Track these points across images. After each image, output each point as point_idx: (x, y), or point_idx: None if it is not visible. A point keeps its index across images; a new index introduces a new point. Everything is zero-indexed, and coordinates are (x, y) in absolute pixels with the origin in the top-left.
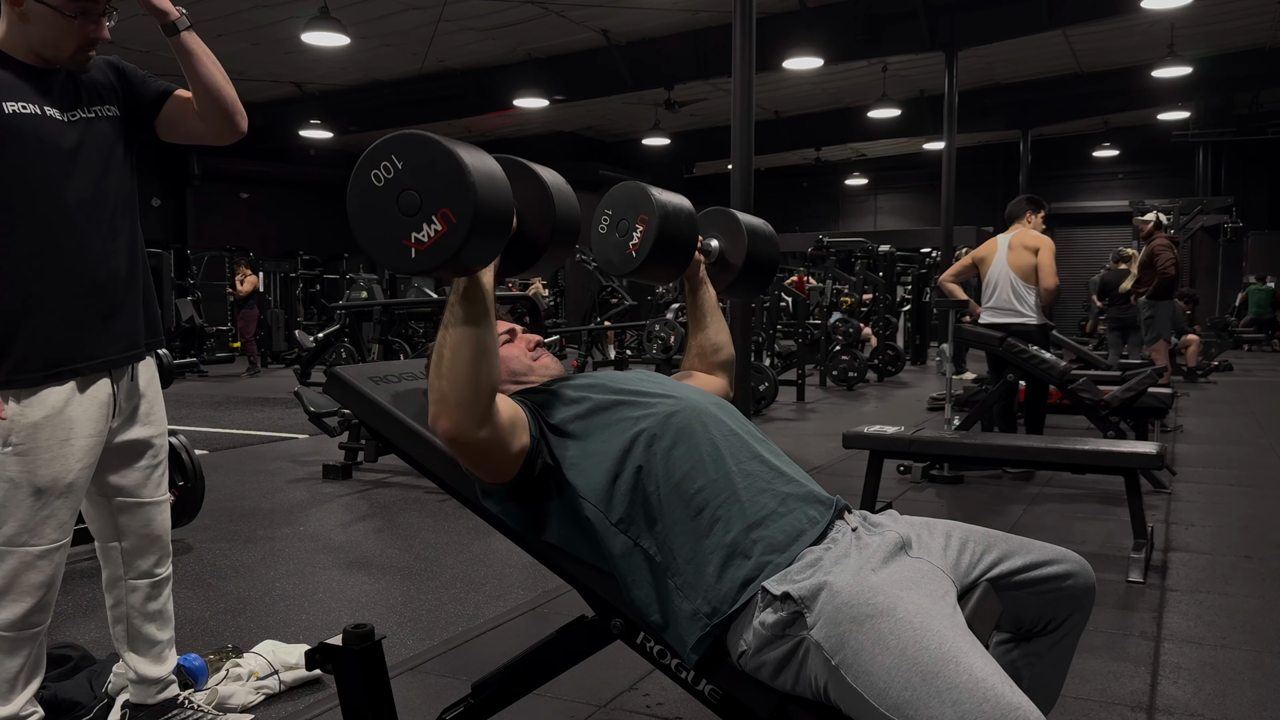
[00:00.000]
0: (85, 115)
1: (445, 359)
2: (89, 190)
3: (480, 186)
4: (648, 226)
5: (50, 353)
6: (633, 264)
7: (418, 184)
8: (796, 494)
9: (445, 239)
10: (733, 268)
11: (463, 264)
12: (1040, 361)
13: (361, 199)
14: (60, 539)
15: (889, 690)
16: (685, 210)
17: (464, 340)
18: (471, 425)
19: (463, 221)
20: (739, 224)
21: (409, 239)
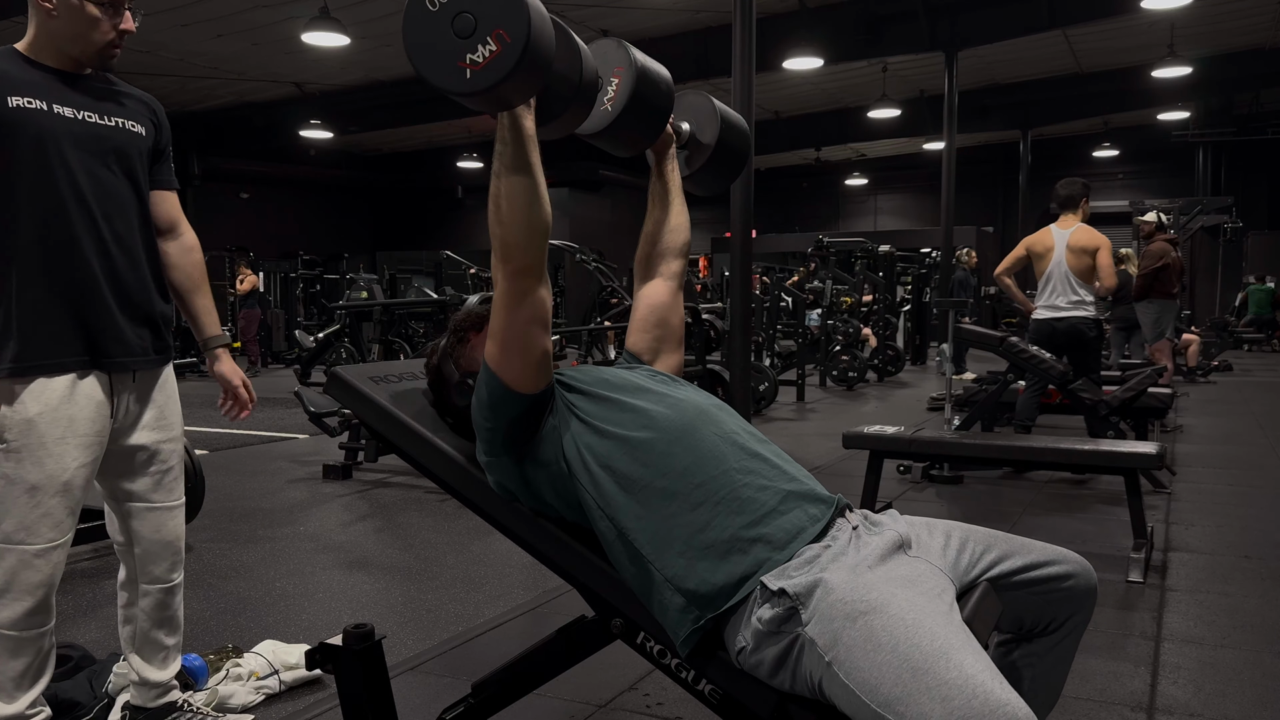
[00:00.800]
0: (106, 122)
1: (501, 206)
2: (93, 190)
3: (534, 11)
4: (623, 80)
5: (45, 346)
6: (606, 119)
7: (473, 6)
8: (797, 492)
9: (500, 58)
10: (703, 150)
11: (512, 85)
12: (1040, 361)
13: (417, 23)
14: (57, 539)
15: (880, 686)
16: (663, 74)
17: (517, 186)
18: (531, 263)
19: (517, 40)
20: (713, 108)
21: (464, 60)
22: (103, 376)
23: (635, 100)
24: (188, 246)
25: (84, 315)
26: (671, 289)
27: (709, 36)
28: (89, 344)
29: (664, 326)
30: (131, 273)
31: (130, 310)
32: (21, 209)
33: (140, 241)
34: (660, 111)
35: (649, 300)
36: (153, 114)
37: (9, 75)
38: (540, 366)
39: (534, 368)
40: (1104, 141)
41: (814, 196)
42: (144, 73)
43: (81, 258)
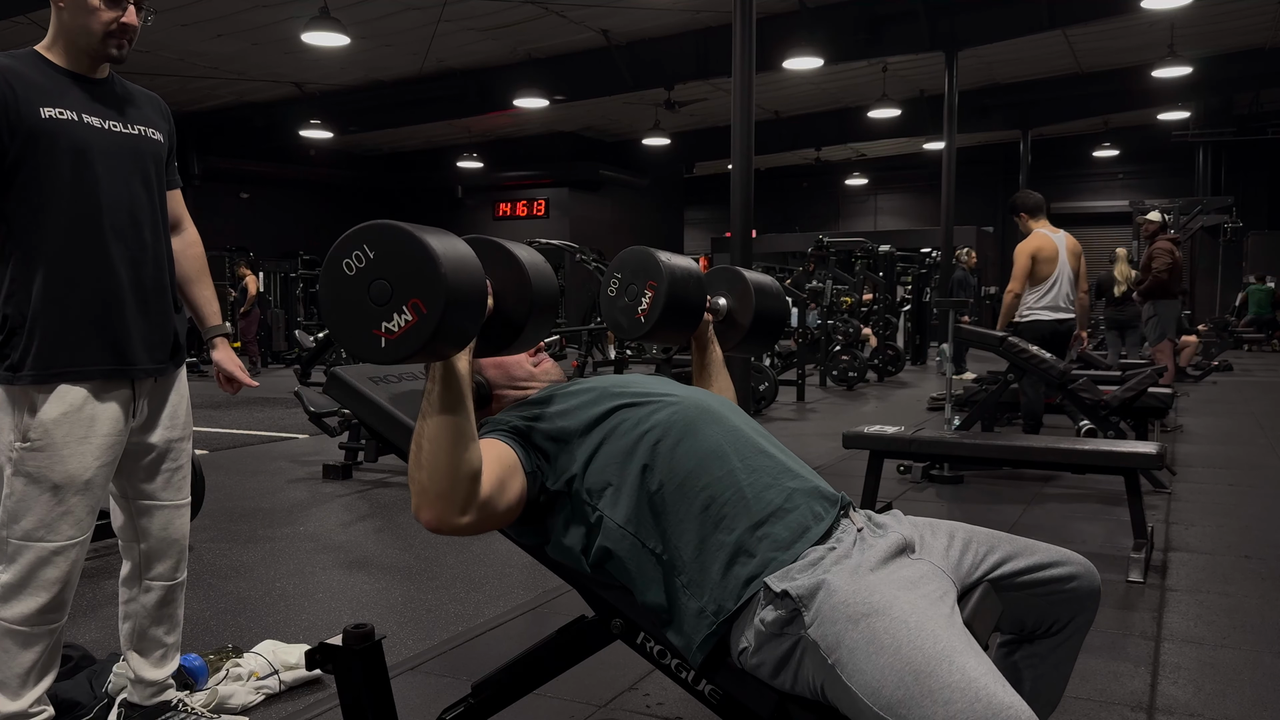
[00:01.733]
0: (127, 130)
1: (424, 450)
2: (120, 200)
3: (450, 275)
4: (657, 292)
5: (70, 354)
6: (642, 329)
7: (388, 273)
8: (802, 489)
9: (416, 329)
10: (740, 326)
11: (434, 351)
12: (1040, 361)
13: (334, 288)
14: (77, 536)
15: (882, 690)
16: (693, 274)
17: (441, 429)
18: (454, 514)
19: (433, 311)
20: (746, 282)
21: (379, 328)
22: (124, 382)
23: (670, 308)
24: (190, 241)
25: (110, 324)
26: None
27: (709, 36)
28: (113, 352)
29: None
30: (154, 282)
31: (152, 318)
32: (52, 218)
33: (163, 251)
34: (694, 311)
35: None
36: (165, 117)
37: (38, 85)
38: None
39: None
40: (1104, 141)
41: (814, 196)
42: (144, 73)
43: (109, 268)
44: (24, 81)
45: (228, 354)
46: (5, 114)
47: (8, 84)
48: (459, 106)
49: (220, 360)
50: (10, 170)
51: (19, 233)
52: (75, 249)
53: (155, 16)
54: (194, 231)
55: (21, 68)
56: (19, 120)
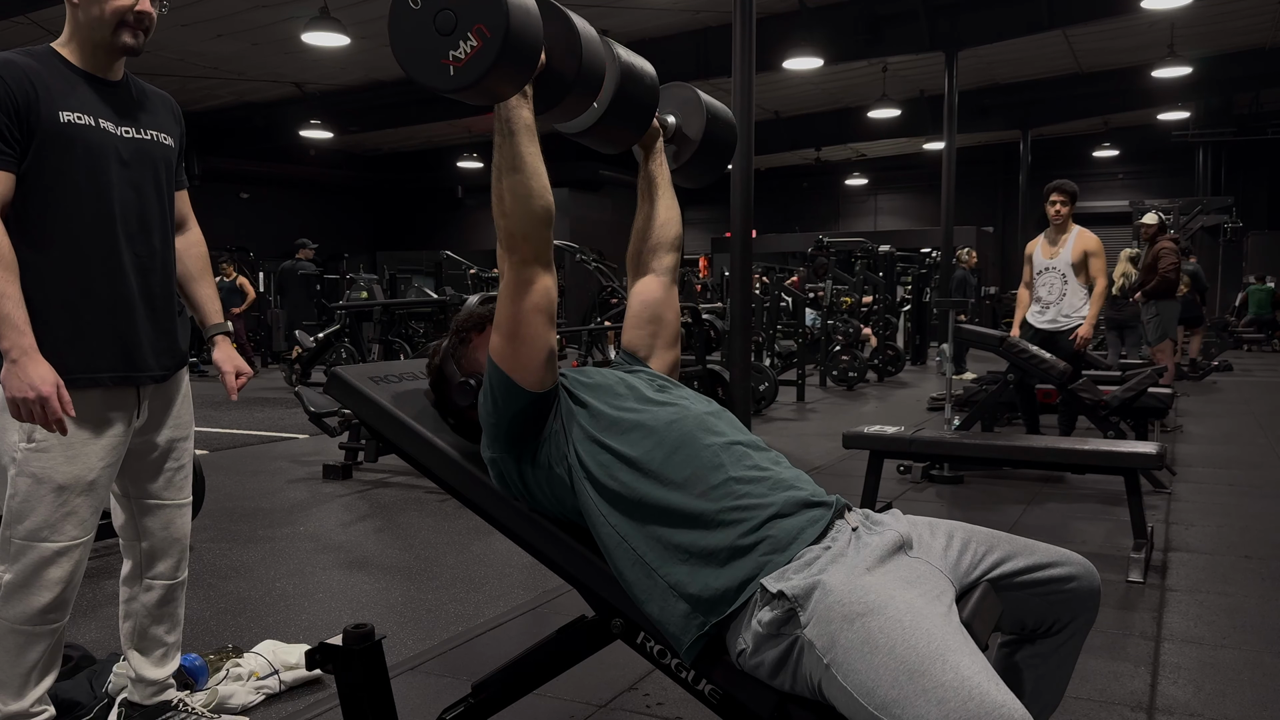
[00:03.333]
0: (141, 135)
1: (506, 200)
2: (132, 206)
3: (513, 3)
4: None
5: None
6: (593, 116)
7: (453, 3)
8: (796, 498)
9: (481, 53)
10: (690, 144)
11: (497, 79)
12: (1040, 361)
13: (400, 21)
14: (80, 536)
15: (877, 689)
16: (647, 69)
17: (519, 178)
18: (543, 248)
19: (496, 34)
20: (699, 101)
21: (447, 57)
22: (131, 386)
23: (620, 97)
24: (193, 240)
25: (120, 330)
26: (664, 284)
27: (709, 36)
28: (122, 358)
29: (658, 322)
30: (162, 288)
31: (159, 324)
32: (66, 222)
33: (170, 256)
34: (646, 107)
35: (642, 296)
36: (177, 119)
37: (58, 87)
38: (546, 363)
39: (539, 362)
40: (1104, 141)
41: (814, 196)
42: (144, 73)
43: (121, 275)
44: (45, 83)
45: (229, 352)
46: (29, 113)
47: (31, 84)
48: (459, 106)
49: (218, 360)
50: (27, 172)
51: (34, 236)
52: (89, 254)
53: (168, 7)
54: (198, 231)
55: (42, 68)
56: (39, 121)
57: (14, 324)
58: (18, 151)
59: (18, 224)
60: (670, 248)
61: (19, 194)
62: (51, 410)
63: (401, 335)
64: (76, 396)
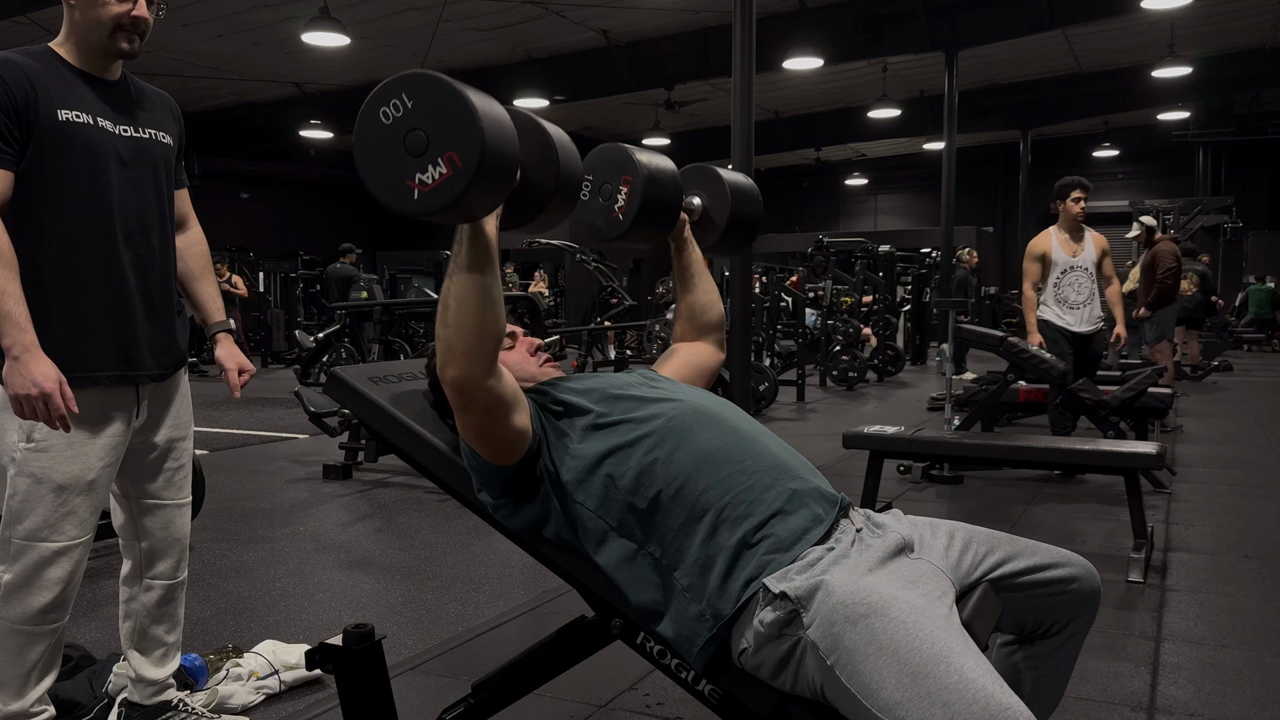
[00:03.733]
0: (139, 134)
1: (450, 308)
2: (131, 205)
3: (488, 132)
4: (632, 188)
5: (80, 359)
6: (620, 228)
7: (426, 125)
8: (802, 490)
9: (450, 182)
10: (716, 225)
11: (465, 209)
12: (1040, 361)
13: (368, 135)
14: (80, 536)
15: (881, 691)
16: (669, 170)
17: (469, 288)
18: (479, 372)
19: (468, 166)
20: (722, 181)
21: (413, 179)
22: (129, 386)
23: (646, 206)
24: (194, 239)
25: (119, 330)
26: (715, 351)
27: (709, 36)
28: (121, 357)
29: (701, 377)
30: (161, 287)
31: (158, 323)
32: (65, 221)
33: (170, 256)
34: (672, 207)
35: (693, 354)
36: (176, 117)
37: (56, 86)
38: (513, 444)
39: (510, 447)
40: (1104, 141)
41: (814, 196)
42: (144, 73)
43: (121, 273)
44: (43, 82)
45: (232, 349)
46: (27, 112)
47: (30, 83)
48: None
49: (220, 358)
50: (26, 171)
51: (33, 234)
52: (88, 253)
53: (166, 10)
54: (199, 230)
55: (40, 67)
56: (37, 120)
57: (15, 321)
58: (17, 150)
59: (17, 223)
60: (718, 326)
61: (18, 193)
62: (54, 407)
63: (401, 335)
64: (76, 395)
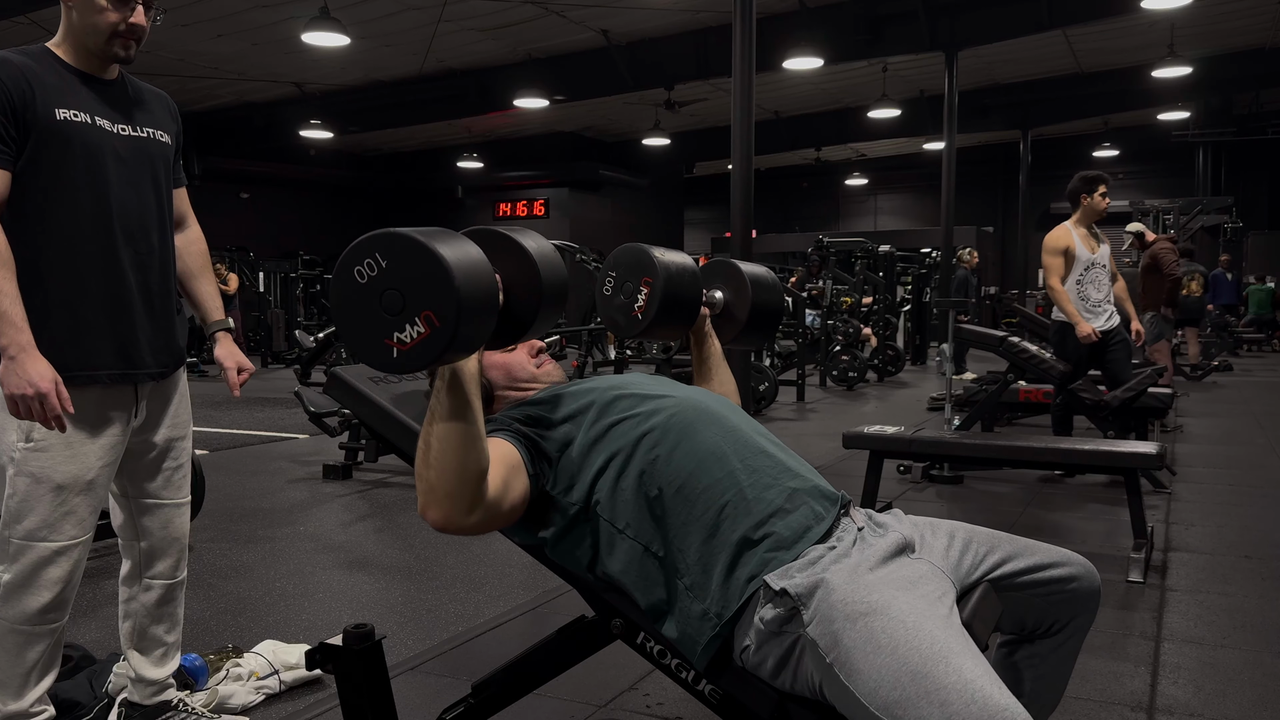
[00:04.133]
0: (137, 133)
1: (433, 449)
2: (130, 203)
3: (464, 287)
4: (652, 289)
5: (79, 358)
6: (639, 326)
7: (401, 285)
8: (803, 489)
9: (429, 341)
10: (737, 319)
11: (447, 361)
12: (1040, 361)
13: (345, 295)
14: (79, 535)
15: (879, 690)
16: (688, 269)
17: (450, 431)
18: (461, 514)
19: (446, 325)
20: (742, 275)
21: (391, 338)
22: (128, 385)
23: (666, 304)
24: (193, 238)
25: (118, 328)
26: None
27: (709, 36)
28: (120, 356)
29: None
30: (160, 286)
31: (157, 322)
32: (64, 220)
33: (169, 254)
34: (690, 305)
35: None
36: (174, 116)
37: (54, 85)
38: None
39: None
40: (1104, 141)
41: (814, 196)
42: (144, 73)
43: (119, 272)
44: (41, 81)
45: (231, 348)
46: (25, 111)
47: (27, 82)
48: (459, 106)
49: (219, 357)
50: (24, 170)
51: (31, 233)
52: (87, 252)
53: (164, 17)
54: (198, 229)
55: (38, 66)
56: (35, 119)
57: (11, 321)
58: (14, 150)
59: (15, 222)
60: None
61: (16, 192)
62: (50, 407)
63: None
64: (74, 394)
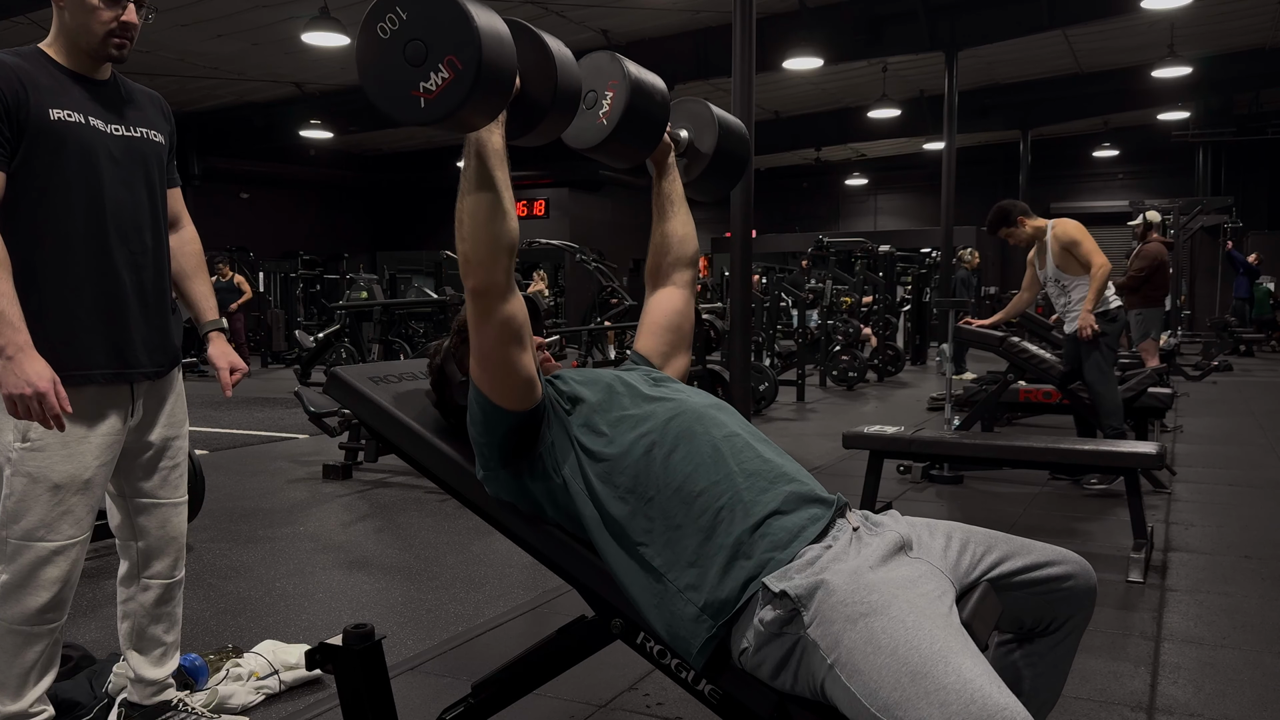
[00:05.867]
0: (130, 133)
1: (465, 223)
2: (124, 203)
3: (485, 34)
4: (617, 93)
5: (75, 358)
6: (602, 133)
7: (423, 34)
8: (798, 492)
9: (452, 86)
10: (702, 158)
11: (470, 111)
12: (1040, 361)
13: (369, 52)
14: (77, 535)
15: (879, 690)
16: (658, 85)
17: (479, 202)
18: (498, 278)
19: (468, 67)
20: (710, 115)
21: (417, 89)
22: (124, 384)
23: (630, 113)
24: (187, 238)
25: (113, 328)
26: (685, 296)
27: (709, 36)
28: (115, 356)
29: (677, 332)
30: (155, 285)
31: (152, 322)
32: (58, 220)
33: (163, 254)
34: (657, 122)
35: (663, 306)
36: (166, 116)
37: (47, 85)
38: (523, 385)
39: (516, 386)
40: (1104, 141)
41: (814, 196)
42: (144, 73)
43: (114, 272)
44: (34, 82)
45: (224, 348)
46: (19, 112)
47: (20, 83)
48: None
49: (213, 357)
50: (18, 171)
51: (25, 234)
52: (81, 252)
53: (155, 15)
54: (192, 229)
55: (31, 67)
56: (29, 120)
57: (9, 320)
58: (9, 151)
59: (9, 222)
60: (688, 263)
61: (11, 192)
62: (49, 406)
63: (401, 335)
64: (71, 394)
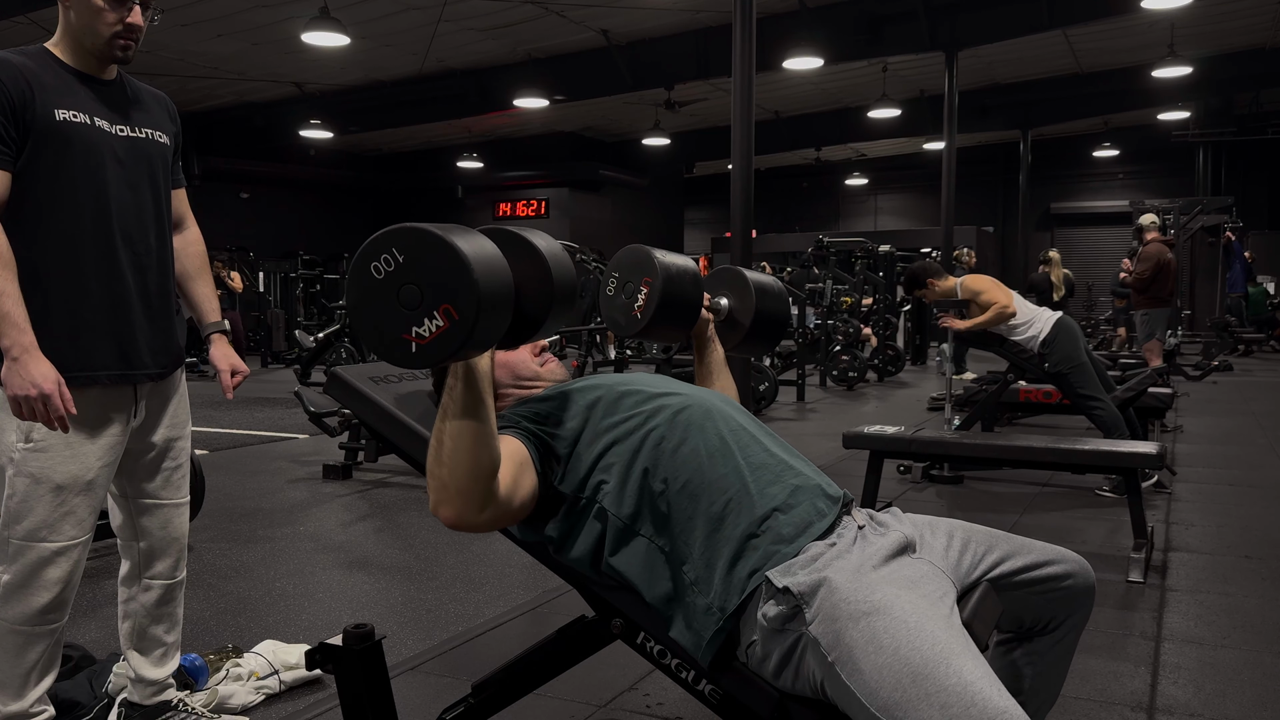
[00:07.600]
0: (136, 134)
1: (445, 446)
2: (128, 204)
3: (483, 281)
4: (651, 289)
5: (79, 359)
6: (638, 325)
7: (418, 278)
8: (805, 486)
9: (447, 335)
10: (741, 326)
11: (465, 356)
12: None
13: (362, 291)
14: (79, 536)
15: (880, 690)
16: (689, 271)
17: (463, 429)
18: (473, 511)
19: (465, 319)
20: (747, 282)
21: (409, 333)
22: (127, 385)
23: (665, 304)
24: (191, 239)
25: (117, 329)
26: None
27: (709, 36)
28: (119, 356)
29: None
30: (159, 286)
31: (156, 323)
32: (63, 221)
33: (167, 255)
34: (690, 307)
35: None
36: (173, 117)
37: (53, 85)
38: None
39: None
40: (1104, 141)
41: (814, 196)
42: (144, 73)
43: (118, 272)
44: (40, 81)
45: (226, 350)
46: (24, 112)
47: (26, 83)
48: (459, 106)
49: (214, 359)
50: (23, 171)
51: (30, 234)
52: (86, 253)
53: (161, 17)
54: (196, 230)
55: (37, 67)
56: (34, 120)
57: (14, 321)
58: (14, 150)
59: (14, 222)
60: None
61: (16, 193)
62: (54, 408)
63: None
64: (75, 395)
